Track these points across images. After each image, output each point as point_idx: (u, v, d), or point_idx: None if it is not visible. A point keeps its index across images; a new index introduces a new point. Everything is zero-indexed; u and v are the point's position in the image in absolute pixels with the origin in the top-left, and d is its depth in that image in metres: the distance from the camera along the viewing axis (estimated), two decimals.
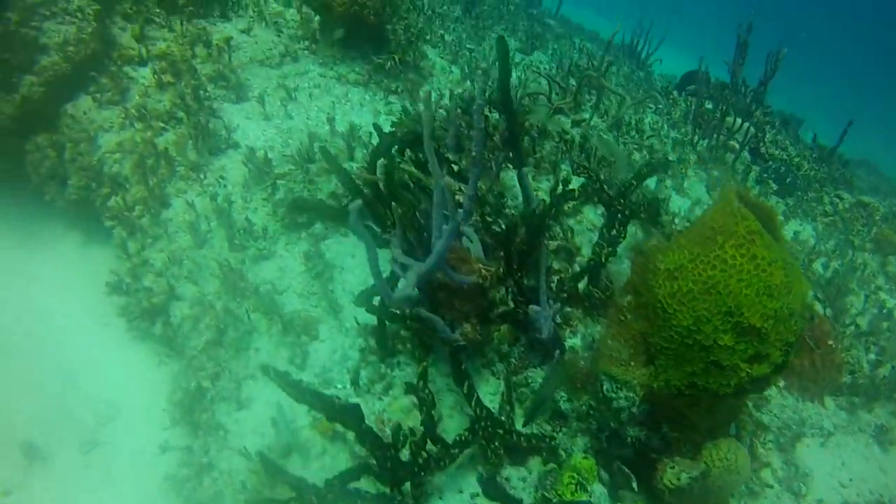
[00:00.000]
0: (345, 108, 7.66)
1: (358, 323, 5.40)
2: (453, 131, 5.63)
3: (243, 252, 6.15)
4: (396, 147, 5.87)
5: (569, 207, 5.94)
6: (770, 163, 10.36)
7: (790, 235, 8.62)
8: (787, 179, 9.94)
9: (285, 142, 7.07)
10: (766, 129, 10.67)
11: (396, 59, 8.22)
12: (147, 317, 6.30)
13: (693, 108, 10.33)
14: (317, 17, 8.52)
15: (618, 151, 8.03)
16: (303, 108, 7.54)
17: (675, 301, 3.84)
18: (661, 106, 10.71)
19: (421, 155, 5.64)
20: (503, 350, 4.93)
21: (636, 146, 8.99)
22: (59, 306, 6.96)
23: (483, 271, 4.34)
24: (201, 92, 7.09)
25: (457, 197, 5.17)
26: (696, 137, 9.84)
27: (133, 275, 6.44)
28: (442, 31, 9.80)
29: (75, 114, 7.14)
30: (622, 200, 5.01)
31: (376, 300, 4.95)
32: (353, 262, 6.16)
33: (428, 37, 9.33)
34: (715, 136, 9.87)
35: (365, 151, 6.80)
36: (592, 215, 5.92)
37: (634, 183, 5.12)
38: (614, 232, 4.98)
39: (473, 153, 3.99)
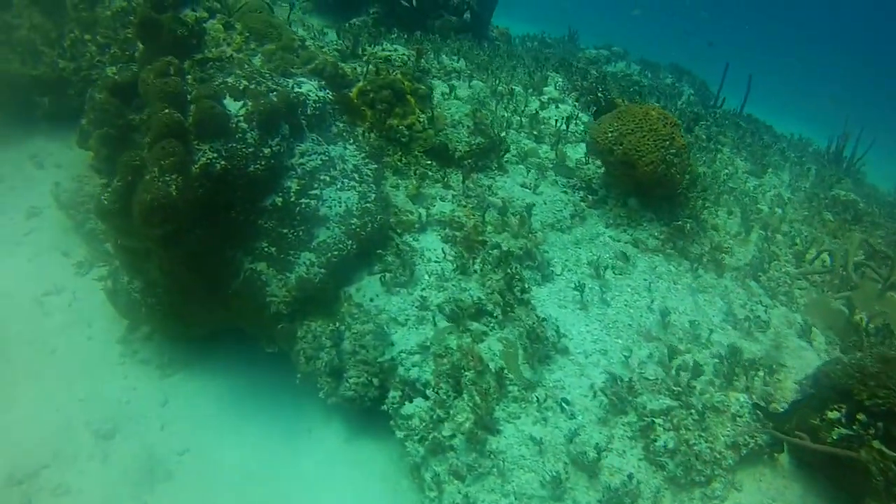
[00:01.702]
0: (660, 288, 6.04)
1: None
2: None
3: None
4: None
5: None
6: None
7: None
8: None
9: (615, 340, 5.44)
10: None
11: (694, 220, 6.59)
12: None
13: None
14: (580, 156, 6.96)
15: None
16: (614, 288, 5.93)
17: None
18: None
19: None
20: None
21: None
22: None
23: None
24: (516, 282, 5.45)
25: None
26: None
27: None
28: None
29: (360, 300, 5.54)
30: None
31: None
32: None
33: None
34: None
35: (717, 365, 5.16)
36: None
37: None
38: None
39: None
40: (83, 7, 9.57)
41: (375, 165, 5.92)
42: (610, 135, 6.34)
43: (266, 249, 5.46)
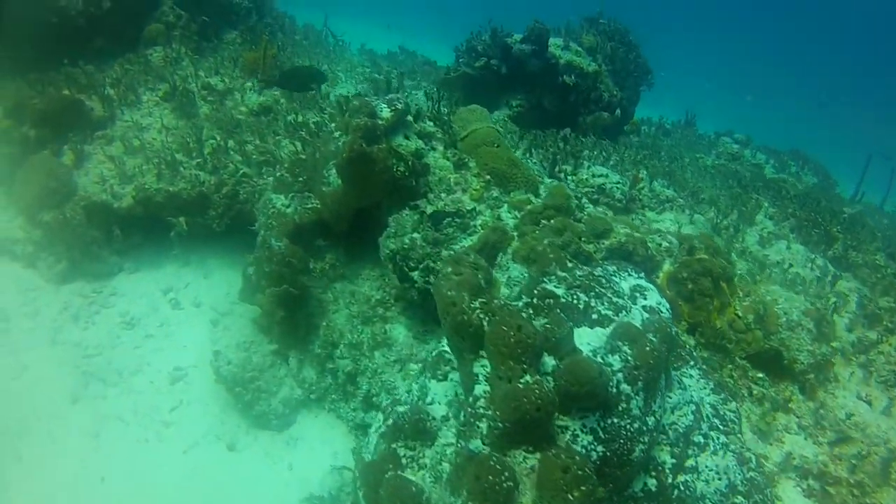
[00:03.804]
0: None
1: None
2: None
3: None
4: None
5: None
6: None
7: None
8: None
9: None
10: None
11: None
12: None
13: None
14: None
15: None
16: None
17: None
18: None
19: None
20: None
21: None
22: None
23: None
24: None
25: None
26: None
27: None
28: None
29: None
30: None
31: None
32: None
33: None
34: None
35: None
36: None
37: None
38: None
39: None
40: (212, 100, 7.19)
41: (734, 402, 3.84)
42: None
43: None
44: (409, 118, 5.35)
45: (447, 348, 3.73)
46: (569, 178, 6.25)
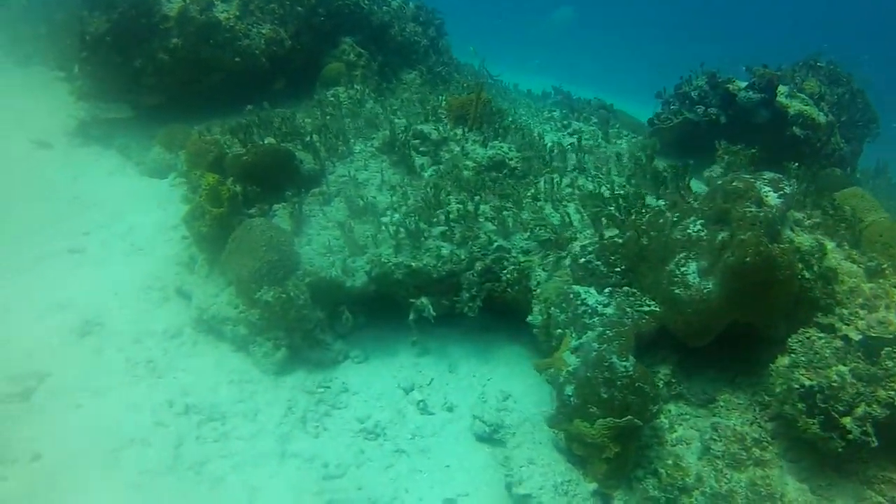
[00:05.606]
0: None
1: None
2: None
3: None
4: None
5: None
6: None
7: None
8: None
9: None
10: None
11: None
12: None
13: None
14: None
15: None
16: None
17: None
18: None
19: None
20: None
21: None
22: None
23: None
24: None
25: None
26: None
27: None
28: None
29: None
30: None
31: None
32: None
33: None
34: None
35: None
36: None
37: None
38: None
39: None
40: (424, 150, 6.08)
41: None
42: None
43: None
44: None
45: None
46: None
